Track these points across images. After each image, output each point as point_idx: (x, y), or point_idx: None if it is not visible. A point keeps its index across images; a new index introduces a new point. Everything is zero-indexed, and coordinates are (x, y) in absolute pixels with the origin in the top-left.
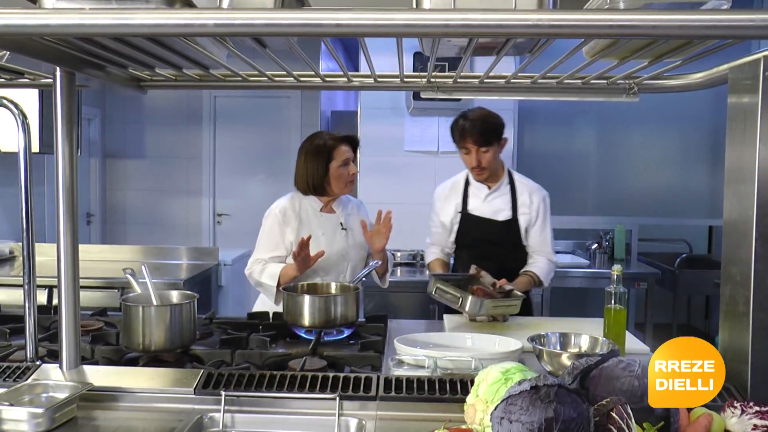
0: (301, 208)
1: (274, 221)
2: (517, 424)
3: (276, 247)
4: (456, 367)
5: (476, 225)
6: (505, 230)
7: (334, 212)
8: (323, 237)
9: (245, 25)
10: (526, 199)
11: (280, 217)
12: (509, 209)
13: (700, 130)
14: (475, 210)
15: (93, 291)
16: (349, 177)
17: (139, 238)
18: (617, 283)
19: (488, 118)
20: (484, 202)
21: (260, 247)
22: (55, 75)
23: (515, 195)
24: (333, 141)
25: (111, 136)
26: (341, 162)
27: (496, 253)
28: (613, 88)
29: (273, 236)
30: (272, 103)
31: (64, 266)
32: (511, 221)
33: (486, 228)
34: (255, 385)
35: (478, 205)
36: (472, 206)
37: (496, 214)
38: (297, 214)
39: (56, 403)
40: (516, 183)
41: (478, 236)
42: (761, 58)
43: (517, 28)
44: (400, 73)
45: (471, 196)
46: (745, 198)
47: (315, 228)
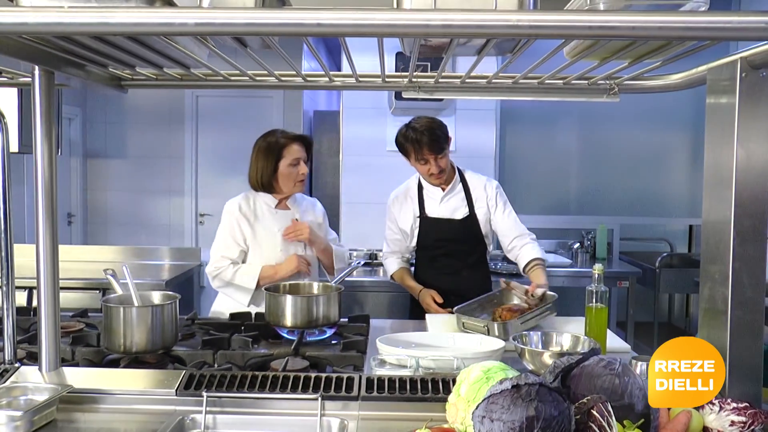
0: (255, 205)
1: (232, 218)
2: (498, 422)
3: (237, 245)
4: (438, 367)
5: (436, 226)
6: (464, 227)
7: (289, 209)
8: (279, 233)
9: (226, 25)
10: (481, 192)
11: (237, 213)
12: (465, 206)
13: (680, 130)
14: (432, 212)
15: (74, 292)
16: (298, 176)
17: (120, 238)
18: (598, 282)
19: (435, 124)
20: (440, 204)
21: (222, 245)
22: (34, 74)
23: (469, 191)
24: (285, 140)
25: (92, 135)
26: (291, 161)
27: (456, 249)
28: (594, 89)
29: (233, 233)
30: (255, 103)
31: (43, 267)
32: (468, 217)
33: (446, 228)
34: (237, 386)
35: (435, 207)
36: (430, 209)
37: (453, 213)
38: (252, 211)
39: (35, 406)
40: (467, 180)
41: (438, 237)
42: (738, 60)
43: (498, 29)
44: (382, 73)
45: (426, 199)
46: (723, 198)
47: (270, 225)
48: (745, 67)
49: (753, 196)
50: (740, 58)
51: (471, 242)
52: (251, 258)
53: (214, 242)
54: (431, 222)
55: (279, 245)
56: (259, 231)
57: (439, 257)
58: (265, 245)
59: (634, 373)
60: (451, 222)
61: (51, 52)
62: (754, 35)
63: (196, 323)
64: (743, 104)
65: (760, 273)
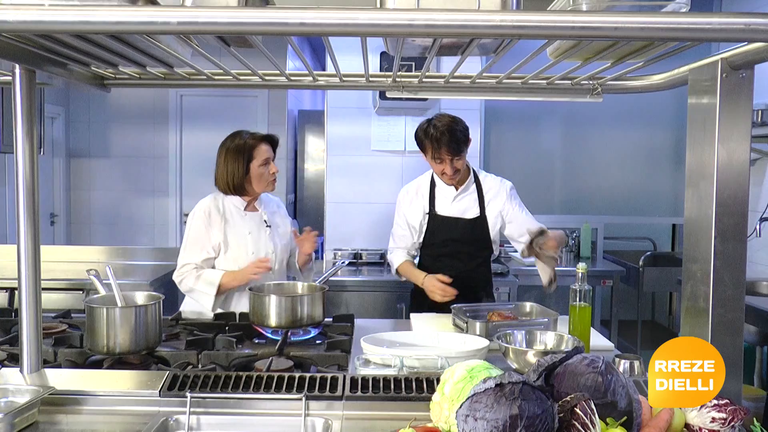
0: (225, 207)
1: (200, 222)
2: (482, 421)
3: (205, 250)
4: (422, 366)
5: (444, 225)
6: (473, 228)
7: (257, 210)
8: (250, 236)
9: (209, 24)
10: (494, 195)
11: (206, 218)
12: (477, 207)
13: (663, 130)
14: (443, 210)
15: (57, 293)
16: (270, 176)
17: (104, 238)
18: (582, 280)
19: (457, 125)
20: (452, 202)
21: (188, 250)
22: (14, 72)
23: (482, 192)
24: (253, 140)
25: (75, 135)
26: (262, 161)
27: (462, 251)
28: (577, 89)
29: (200, 238)
30: (239, 102)
31: (24, 268)
32: (479, 218)
33: (454, 227)
34: (221, 387)
35: (446, 205)
36: (440, 207)
37: (464, 212)
38: (222, 214)
39: (16, 408)
40: (480, 179)
41: (446, 236)
42: (719, 60)
43: (481, 29)
44: (366, 72)
45: (438, 197)
46: (705, 197)
47: (240, 227)
48: (725, 68)
49: (733, 195)
50: (721, 59)
51: (478, 244)
52: (222, 261)
53: (181, 248)
54: (440, 220)
55: (250, 247)
56: (230, 234)
57: (443, 257)
58: (235, 248)
59: (617, 371)
60: (460, 221)
61: (32, 51)
62: (734, 36)
63: (180, 323)
64: (724, 104)
65: (741, 271)
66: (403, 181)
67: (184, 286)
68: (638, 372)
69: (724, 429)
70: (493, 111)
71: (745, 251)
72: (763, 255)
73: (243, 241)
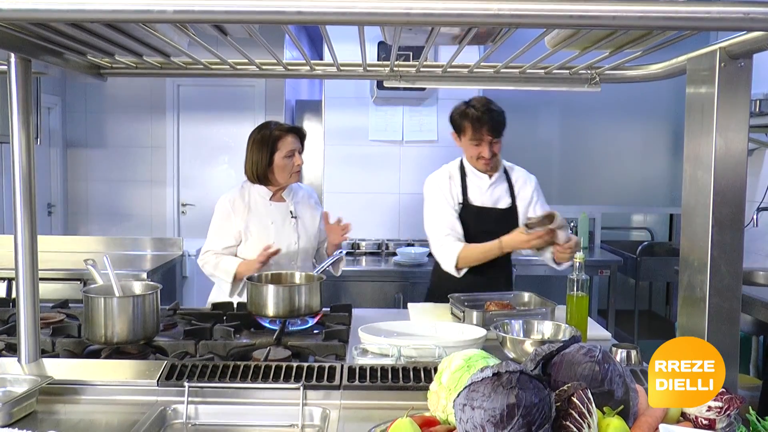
0: (250, 197)
1: (223, 211)
2: (479, 410)
3: (226, 238)
4: (420, 356)
5: (477, 215)
6: (506, 218)
7: (284, 201)
8: (273, 226)
9: (205, 12)
10: (522, 185)
11: (229, 206)
12: (509, 196)
13: (661, 120)
14: (476, 200)
15: (54, 283)
16: (294, 168)
17: (101, 228)
18: (579, 270)
19: (496, 107)
20: (486, 191)
21: (211, 238)
22: (10, 62)
23: (511, 182)
24: (279, 132)
25: (72, 125)
26: (286, 153)
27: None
28: (575, 78)
29: (222, 226)
30: (236, 92)
31: (21, 258)
32: (511, 208)
33: (487, 217)
34: (219, 376)
35: (479, 195)
36: (473, 197)
37: (497, 202)
38: (246, 204)
39: (14, 398)
40: (507, 170)
41: (480, 228)
42: (717, 50)
43: (479, 17)
44: (363, 61)
45: (470, 186)
46: (702, 186)
47: (264, 217)
48: (724, 57)
49: (731, 184)
50: (719, 48)
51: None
52: (243, 250)
53: (208, 233)
54: (474, 211)
55: (272, 237)
56: (252, 224)
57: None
58: (257, 237)
59: (614, 360)
60: (493, 211)
61: (28, 40)
62: (732, 25)
63: (178, 313)
64: (722, 94)
65: (738, 261)
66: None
67: (206, 271)
68: (635, 361)
69: (720, 417)
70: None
71: (742, 241)
72: (760, 245)
73: (265, 231)
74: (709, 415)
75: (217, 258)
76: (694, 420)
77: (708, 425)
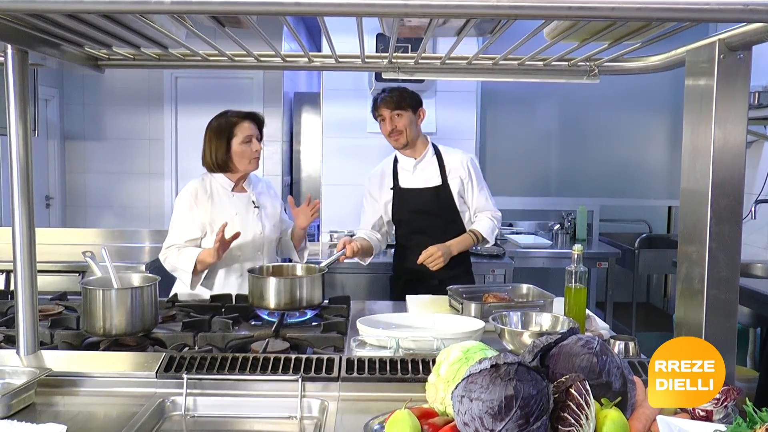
0: (212, 188)
1: (185, 203)
2: (477, 402)
3: (189, 230)
4: (418, 347)
5: (408, 197)
6: (437, 196)
7: (245, 191)
8: (237, 216)
9: (203, 3)
10: (455, 164)
11: (191, 198)
12: (438, 176)
13: (659, 112)
14: (405, 183)
15: (53, 275)
16: (252, 154)
17: (99, 221)
18: (578, 262)
19: (402, 89)
20: (413, 174)
21: (174, 231)
22: (7, 53)
23: (443, 163)
24: (235, 118)
25: (70, 117)
26: (243, 138)
27: (432, 224)
28: (574, 70)
29: (185, 219)
30: (234, 84)
31: (19, 250)
32: (441, 186)
33: (418, 198)
34: (217, 368)
35: (408, 177)
36: (403, 181)
37: (426, 182)
38: (209, 195)
39: (12, 390)
40: (442, 153)
41: (411, 208)
42: (716, 42)
43: (478, 9)
44: (362, 53)
45: (400, 171)
46: (701, 178)
47: (228, 207)
48: (723, 49)
49: (729, 176)
50: (718, 40)
51: (445, 216)
52: (209, 241)
53: (169, 228)
54: (404, 192)
55: (237, 228)
56: (216, 215)
57: (415, 235)
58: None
59: (612, 352)
60: (423, 191)
61: (24, 31)
62: (731, 17)
63: (177, 305)
64: (721, 86)
65: (736, 253)
66: None
67: (168, 266)
68: (633, 353)
69: (717, 409)
70: (490, 93)
71: (741, 233)
72: (758, 237)
73: (230, 222)
74: (706, 407)
75: (179, 250)
76: (692, 411)
77: (705, 416)
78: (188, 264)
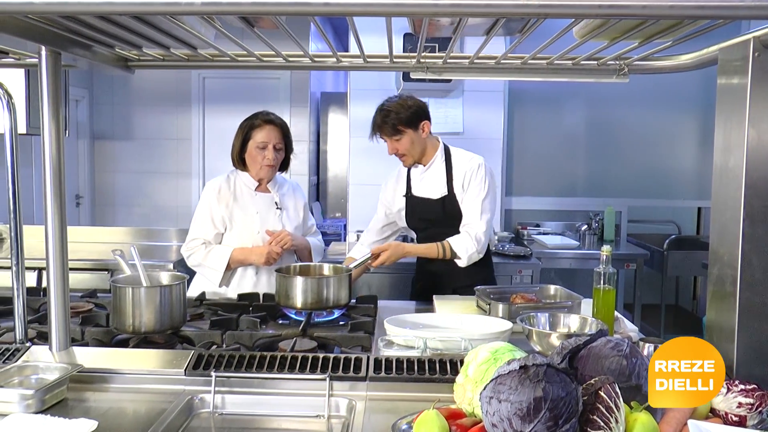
0: (236, 186)
1: (208, 199)
2: (506, 403)
3: (212, 225)
4: (446, 348)
5: (417, 205)
6: (443, 207)
7: (269, 192)
8: (258, 215)
9: (233, 4)
10: (460, 171)
11: (214, 194)
12: (444, 185)
13: (689, 111)
14: (417, 191)
15: (83, 273)
16: (263, 161)
17: (128, 219)
18: (606, 263)
19: (381, 108)
20: (421, 182)
21: (196, 226)
22: (41, 54)
23: (451, 170)
24: (260, 121)
25: (99, 117)
26: (258, 143)
27: (442, 232)
28: (603, 69)
29: (207, 214)
30: (261, 84)
31: (52, 248)
32: (446, 197)
33: (425, 207)
34: (245, 366)
35: (418, 185)
36: (415, 187)
37: (432, 192)
38: (232, 192)
39: (46, 385)
40: (452, 156)
41: (422, 217)
42: (751, 39)
43: (507, 8)
44: (390, 53)
45: (413, 178)
46: (733, 179)
47: (249, 206)
48: (758, 47)
49: (763, 177)
50: (753, 38)
51: (453, 224)
52: (228, 238)
53: (192, 222)
54: (415, 201)
55: (257, 227)
56: (237, 212)
57: (427, 240)
58: (242, 226)
59: (641, 355)
60: (429, 201)
61: (57, 33)
62: (767, 14)
63: (204, 304)
64: (755, 84)
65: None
66: None
67: (193, 261)
68: None
69: (752, 414)
70: (517, 93)
71: None
72: None
73: (250, 220)
74: (739, 412)
75: (207, 247)
76: (724, 416)
77: (738, 422)
78: (220, 263)
